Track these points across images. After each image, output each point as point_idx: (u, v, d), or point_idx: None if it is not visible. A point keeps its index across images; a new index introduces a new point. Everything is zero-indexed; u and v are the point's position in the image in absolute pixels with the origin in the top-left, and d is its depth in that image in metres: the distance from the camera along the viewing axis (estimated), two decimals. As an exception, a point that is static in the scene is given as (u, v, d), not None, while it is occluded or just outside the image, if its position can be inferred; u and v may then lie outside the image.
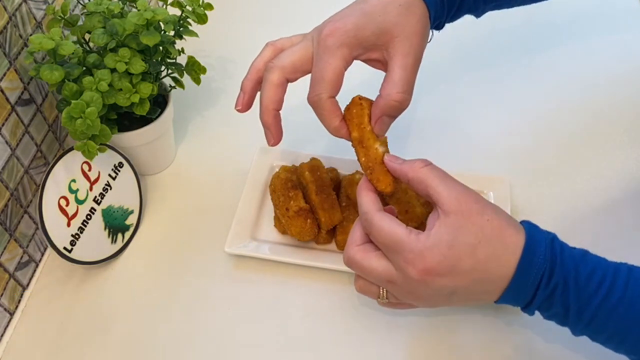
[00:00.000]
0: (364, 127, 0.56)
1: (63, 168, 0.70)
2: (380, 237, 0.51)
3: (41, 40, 0.64)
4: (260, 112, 0.58)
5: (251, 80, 0.60)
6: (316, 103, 0.55)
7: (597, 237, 0.73)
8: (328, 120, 0.56)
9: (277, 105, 0.58)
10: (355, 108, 0.56)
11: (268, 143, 0.59)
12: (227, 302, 0.70)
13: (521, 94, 0.91)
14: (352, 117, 0.56)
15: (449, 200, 0.50)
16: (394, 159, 0.55)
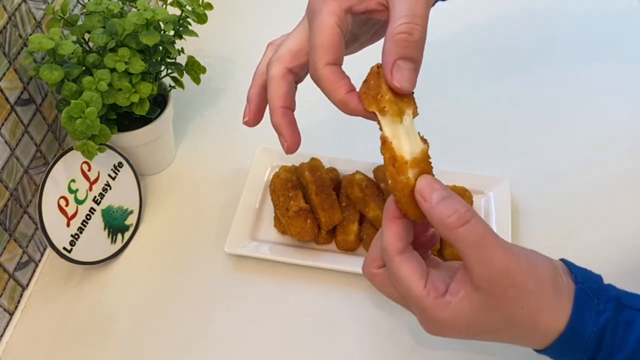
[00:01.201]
0: (381, 96, 0.44)
1: (62, 168, 0.70)
2: (397, 283, 0.46)
3: (41, 40, 0.64)
4: (270, 114, 0.50)
5: (256, 86, 0.53)
6: (314, 76, 0.46)
7: (598, 237, 0.74)
8: (330, 92, 0.45)
9: (285, 101, 0.49)
10: (373, 79, 0.45)
11: (283, 149, 0.50)
12: (227, 302, 0.70)
13: (522, 93, 0.91)
14: (369, 90, 0.45)
15: (481, 279, 0.42)
16: (427, 191, 0.43)
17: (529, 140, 0.84)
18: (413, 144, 0.44)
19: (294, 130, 0.50)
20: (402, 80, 0.43)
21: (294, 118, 0.50)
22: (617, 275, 0.69)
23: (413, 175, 0.43)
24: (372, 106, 0.44)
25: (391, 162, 0.43)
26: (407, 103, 0.44)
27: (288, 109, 0.49)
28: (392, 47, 0.43)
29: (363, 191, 0.71)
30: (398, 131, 0.44)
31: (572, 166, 0.81)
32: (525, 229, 0.74)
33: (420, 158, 0.44)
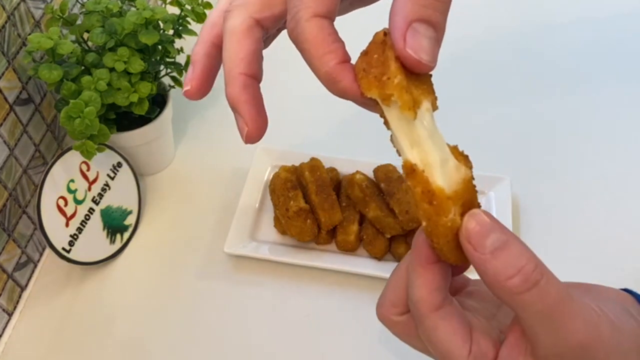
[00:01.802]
0: (388, 78, 0.31)
1: (61, 168, 0.69)
2: (432, 344, 0.36)
3: (40, 40, 0.64)
4: (225, 84, 0.36)
5: (205, 43, 0.38)
6: (294, 31, 0.32)
7: (599, 236, 0.73)
8: (315, 59, 0.32)
9: (248, 66, 0.35)
10: (377, 51, 0.32)
11: (241, 136, 0.37)
12: (227, 303, 0.70)
13: (522, 93, 0.91)
14: (369, 67, 0.32)
15: (548, 353, 0.33)
16: (479, 237, 0.31)
17: (530, 140, 0.84)
18: (443, 157, 0.32)
19: (258, 110, 0.36)
20: (419, 49, 0.30)
21: (259, 92, 0.36)
22: (618, 275, 0.70)
23: (457, 213, 0.32)
24: (372, 90, 0.31)
25: (426, 199, 0.31)
26: (424, 90, 0.32)
27: (251, 77, 0.36)
28: (407, 4, 0.31)
29: (363, 191, 0.71)
30: (414, 134, 0.32)
31: (573, 165, 0.81)
32: (526, 229, 0.74)
33: (463, 187, 0.32)
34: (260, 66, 0.37)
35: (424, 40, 0.30)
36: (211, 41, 0.38)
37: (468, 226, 0.32)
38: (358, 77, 0.32)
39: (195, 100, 0.39)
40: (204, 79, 0.39)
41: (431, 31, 0.31)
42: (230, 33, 0.36)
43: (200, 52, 0.39)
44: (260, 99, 0.37)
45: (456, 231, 0.32)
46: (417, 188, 0.32)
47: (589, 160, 0.82)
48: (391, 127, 0.33)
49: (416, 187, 0.32)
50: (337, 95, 0.33)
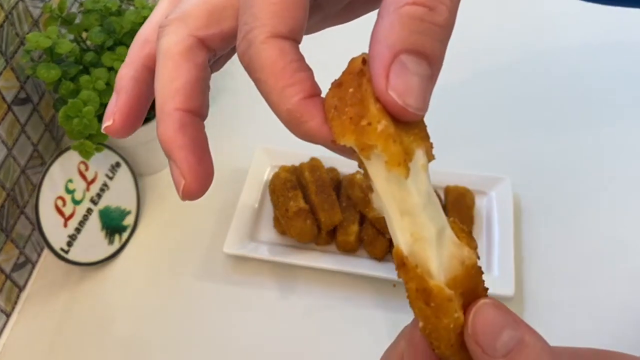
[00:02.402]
0: (369, 123, 0.24)
1: (60, 168, 0.69)
2: None
3: (38, 39, 0.63)
4: (157, 121, 0.28)
5: (134, 65, 0.30)
6: (245, 55, 0.25)
7: (600, 237, 0.73)
8: (273, 91, 0.25)
9: (184, 100, 0.28)
10: (353, 84, 0.25)
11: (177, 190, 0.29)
12: (226, 303, 0.70)
13: (523, 93, 0.90)
14: (343, 105, 0.25)
15: None
16: (489, 338, 0.25)
17: (531, 140, 0.84)
18: (440, 228, 0.26)
19: (199, 158, 0.28)
20: (406, 92, 0.23)
21: (202, 134, 0.29)
22: (619, 276, 0.69)
23: (459, 306, 0.26)
24: (347, 136, 0.24)
25: (422, 298, 0.25)
26: (416, 136, 0.25)
27: (192, 114, 0.28)
28: (394, 27, 0.23)
29: (364, 191, 0.70)
30: (405, 199, 0.25)
31: (574, 165, 0.81)
32: (528, 229, 0.74)
33: (464, 272, 0.26)
34: (204, 99, 0.29)
35: (413, 79, 0.24)
36: (142, 62, 0.30)
37: (475, 325, 0.25)
38: (328, 116, 0.25)
39: (120, 138, 0.32)
40: (130, 112, 0.31)
41: (424, 67, 0.24)
42: (164, 55, 0.28)
43: (126, 76, 0.30)
44: (203, 142, 0.28)
45: (460, 329, 0.26)
46: (411, 284, 0.26)
47: (590, 160, 0.81)
48: (374, 185, 0.25)
49: (409, 282, 0.26)
50: (303, 139, 0.26)
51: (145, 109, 0.31)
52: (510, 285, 0.65)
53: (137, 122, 0.31)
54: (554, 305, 0.67)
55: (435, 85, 0.25)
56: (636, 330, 0.66)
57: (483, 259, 0.69)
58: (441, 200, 0.73)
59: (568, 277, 0.70)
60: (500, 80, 0.92)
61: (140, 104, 0.31)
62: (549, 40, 0.98)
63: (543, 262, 0.71)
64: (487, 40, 0.97)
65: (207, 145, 0.29)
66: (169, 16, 0.29)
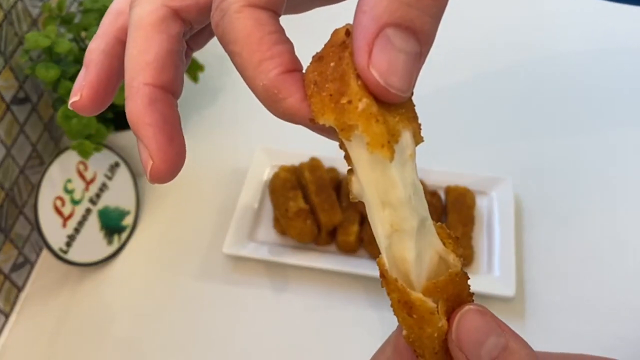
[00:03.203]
0: (349, 101, 0.22)
1: (59, 168, 0.69)
2: None
3: (37, 38, 0.63)
4: (126, 97, 0.27)
5: (105, 38, 0.28)
6: (219, 25, 0.23)
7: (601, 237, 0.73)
8: (249, 64, 0.23)
9: (155, 74, 0.26)
10: (334, 57, 0.23)
11: (144, 171, 0.27)
12: (226, 304, 0.69)
13: (524, 93, 0.90)
14: (324, 81, 0.23)
15: None
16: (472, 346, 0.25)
17: (532, 140, 0.84)
18: (422, 224, 0.25)
19: (169, 137, 0.26)
20: (390, 71, 0.21)
21: (173, 111, 0.27)
22: (620, 276, 0.69)
23: (442, 311, 0.25)
24: (327, 115, 0.22)
25: (405, 309, 0.25)
26: (402, 116, 0.23)
27: (162, 90, 0.26)
28: (381, 0, 0.21)
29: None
30: (388, 185, 0.23)
31: (575, 166, 0.80)
32: (529, 230, 0.73)
33: (448, 280, 0.25)
34: (177, 74, 0.27)
35: (398, 56, 0.21)
36: (114, 35, 0.28)
37: (459, 331, 0.25)
38: (308, 92, 0.23)
39: (87, 116, 0.29)
40: (100, 87, 0.28)
41: (412, 43, 0.21)
42: (136, 26, 0.26)
43: (97, 49, 0.28)
44: (175, 120, 0.26)
45: (444, 336, 0.25)
46: (392, 295, 0.25)
47: (592, 160, 0.81)
48: (355, 169, 0.24)
49: (391, 293, 0.25)
50: (281, 118, 0.24)
51: (116, 85, 0.29)
52: (511, 286, 0.65)
53: (106, 98, 0.29)
54: (554, 305, 0.67)
55: (423, 66, 0.22)
56: (637, 331, 0.66)
57: (484, 260, 0.69)
58: (442, 201, 0.72)
59: (569, 277, 0.70)
60: (501, 81, 0.92)
61: (110, 78, 0.28)
62: (551, 40, 0.98)
63: (544, 262, 0.71)
64: (489, 39, 0.97)
65: (179, 124, 0.27)
66: None
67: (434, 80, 0.91)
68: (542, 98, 0.89)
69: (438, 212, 0.71)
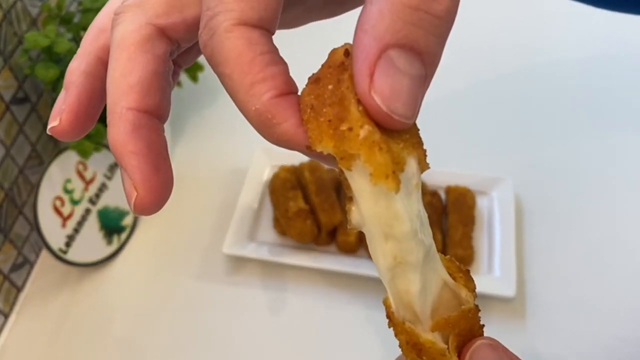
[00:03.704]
0: (350, 128, 0.20)
1: (58, 168, 0.69)
2: None
3: (36, 38, 0.63)
4: (108, 124, 0.25)
5: (85, 57, 0.26)
6: (208, 46, 0.22)
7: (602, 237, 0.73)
8: (240, 88, 0.22)
9: (139, 98, 0.24)
10: (332, 79, 0.21)
11: (128, 202, 0.25)
12: (225, 304, 0.69)
13: (525, 93, 0.90)
14: (321, 105, 0.21)
15: None
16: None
17: (532, 140, 0.84)
18: (428, 253, 0.23)
19: (154, 166, 0.24)
20: (393, 96, 0.20)
21: (159, 137, 0.25)
22: (621, 276, 0.69)
23: (453, 348, 0.24)
24: (325, 142, 0.21)
25: (414, 351, 0.24)
26: (407, 142, 0.21)
27: (148, 114, 0.25)
28: (384, 16, 0.20)
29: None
30: (391, 218, 0.22)
31: (576, 166, 0.80)
32: (529, 230, 0.73)
33: (460, 315, 0.24)
34: (162, 97, 0.25)
35: (402, 80, 0.20)
36: (95, 54, 0.26)
37: None
38: (304, 117, 0.21)
39: (67, 141, 0.27)
40: (80, 110, 0.26)
41: (417, 65, 0.20)
42: (118, 46, 0.24)
43: (77, 70, 0.26)
44: (161, 147, 0.25)
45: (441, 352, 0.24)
46: (400, 337, 0.24)
47: (592, 160, 0.81)
48: (356, 200, 0.22)
49: (398, 335, 0.24)
50: (275, 144, 0.23)
51: (99, 109, 0.27)
52: (512, 286, 0.65)
53: (87, 122, 0.26)
54: (555, 305, 0.67)
55: (429, 88, 0.21)
56: (637, 331, 0.66)
57: (484, 260, 0.69)
58: (442, 201, 0.72)
59: (569, 277, 0.70)
60: (502, 81, 0.92)
61: (91, 101, 0.26)
62: (551, 41, 0.98)
63: (544, 262, 0.71)
64: (490, 41, 0.97)
65: (165, 152, 0.25)
66: (125, 1, 0.25)
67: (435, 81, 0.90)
68: (542, 99, 0.89)
69: (438, 213, 0.71)
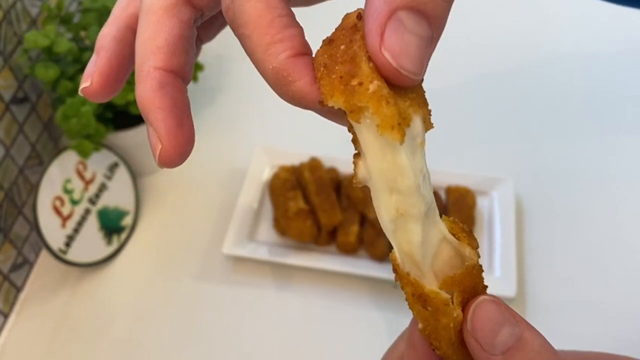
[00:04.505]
0: (360, 83, 0.22)
1: (58, 168, 0.69)
2: None
3: (36, 38, 0.63)
4: (136, 80, 0.27)
5: (116, 24, 0.28)
6: (229, 11, 0.24)
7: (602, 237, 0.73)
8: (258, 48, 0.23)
9: (165, 58, 0.26)
10: (344, 40, 0.23)
11: (153, 154, 0.27)
12: (225, 304, 0.69)
13: (526, 93, 0.90)
14: (334, 63, 0.23)
15: None
16: (488, 335, 0.25)
17: (533, 140, 0.84)
18: (429, 209, 0.25)
19: (178, 121, 0.27)
20: (402, 53, 0.21)
21: (183, 96, 0.27)
22: (621, 277, 0.69)
23: (458, 302, 0.25)
24: (336, 96, 0.22)
25: (419, 302, 0.25)
26: (413, 101, 0.23)
27: (173, 74, 0.26)
28: None
29: (364, 191, 0.70)
30: (397, 169, 0.23)
31: (576, 166, 0.80)
32: (529, 230, 0.73)
33: (465, 272, 0.25)
34: (187, 59, 0.26)
35: (410, 39, 0.21)
36: (125, 22, 0.28)
37: (474, 321, 0.25)
38: (317, 75, 0.23)
39: (97, 102, 0.28)
40: (111, 72, 0.28)
41: (424, 27, 0.21)
42: (147, 11, 0.26)
43: (108, 35, 0.28)
44: (185, 105, 0.26)
45: (460, 327, 0.25)
46: (407, 289, 0.25)
47: (593, 160, 0.81)
48: (363, 153, 0.24)
49: (404, 287, 0.25)
50: (289, 102, 0.24)
51: (127, 73, 0.29)
52: (512, 286, 0.65)
53: (117, 84, 0.29)
54: (555, 306, 0.67)
55: (434, 52, 0.22)
56: (638, 332, 0.65)
57: (484, 260, 0.69)
58: (442, 201, 0.72)
59: (570, 278, 0.70)
60: (502, 81, 0.92)
61: (121, 65, 0.28)
62: (551, 40, 0.97)
63: (545, 263, 0.70)
64: (489, 40, 0.97)
65: (188, 110, 0.27)
66: None
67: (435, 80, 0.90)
68: (543, 98, 0.89)
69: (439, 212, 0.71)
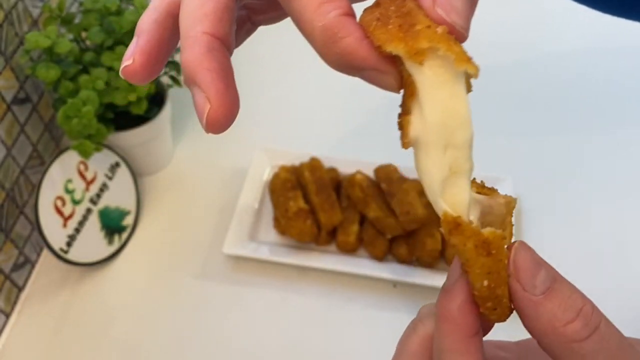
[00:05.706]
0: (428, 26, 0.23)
1: (59, 168, 0.69)
2: None
3: (37, 39, 0.63)
4: (182, 47, 0.26)
5: (156, 10, 0.28)
6: None
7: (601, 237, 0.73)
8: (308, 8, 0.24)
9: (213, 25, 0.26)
10: (394, 2, 0.25)
11: (200, 118, 0.28)
12: (226, 304, 0.69)
13: (526, 93, 0.90)
14: (387, 18, 0.24)
15: None
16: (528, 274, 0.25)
17: (533, 140, 0.84)
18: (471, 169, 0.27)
19: (226, 84, 0.26)
20: (452, 10, 0.24)
21: (229, 63, 0.27)
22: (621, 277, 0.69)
23: None
24: (395, 43, 0.23)
25: (483, 252, 0.25)
26: None
27: (219, 40, 0.26)
28: None
29: (364, 191, 0.70)
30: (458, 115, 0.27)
31: (576, 166, 0.80)
32: (529, 230, 0.73)
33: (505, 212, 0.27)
34: (231, 29, 0.27)
35: (457, 0, 0.24)
36: (165, 8, 0.28)
37: (515, 263, 0.25)
38: (369, 29, 0.24)
39: (138, 84, 0.28)
40: (152, 53, 0.27)
41: None
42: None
43: (149, 19, 0.28)
44: (230, 72, 0.26)
45: (503, 265, 0.26)
46: (469, 244, 0.25)
47: (592, 160, 0.81)
48: (421, 103, 0.25)
49: (467, 243, 0.25)
50: (336, 62, 0.24)
51: (166, 57, 0.29)
52: (511, 286, 0.65)
53: (158, 65, 0.28)
54: (554, 305, 0.67)
55: None
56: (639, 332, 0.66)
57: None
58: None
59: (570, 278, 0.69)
60: (502, 80, 0.92)
61: (161, 48, 0.28)
62: (551, 39, 0.98)
63: (544, 262, 0.71)
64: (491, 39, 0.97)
65: (233, 77, 0.27)
66: None
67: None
68: (542, 97, 0.89)
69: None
